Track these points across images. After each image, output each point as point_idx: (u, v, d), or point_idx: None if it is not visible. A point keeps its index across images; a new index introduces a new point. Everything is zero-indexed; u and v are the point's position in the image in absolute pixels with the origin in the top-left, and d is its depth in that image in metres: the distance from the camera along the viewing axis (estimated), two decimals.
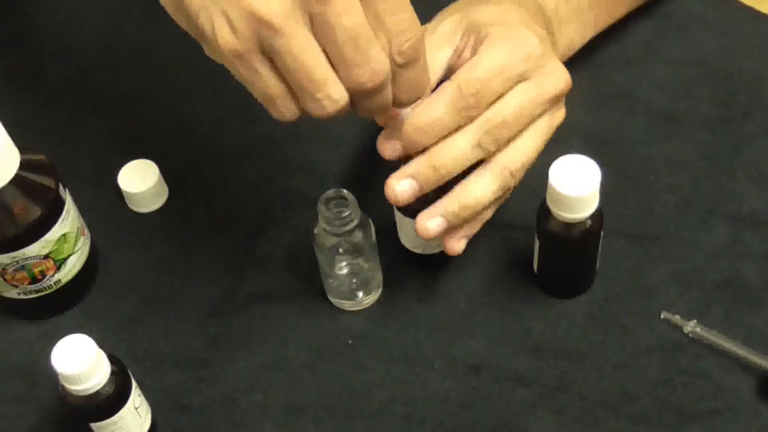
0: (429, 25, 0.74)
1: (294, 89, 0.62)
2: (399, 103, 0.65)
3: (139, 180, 0.84)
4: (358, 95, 0.62)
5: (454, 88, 0.68)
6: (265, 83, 0.62)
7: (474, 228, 0.73)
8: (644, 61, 0.90)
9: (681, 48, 0.91)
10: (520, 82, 0.70)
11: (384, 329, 0.78)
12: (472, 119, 0.69)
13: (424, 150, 0.70)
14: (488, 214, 0.73)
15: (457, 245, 0.73)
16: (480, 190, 0.70)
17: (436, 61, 0.72)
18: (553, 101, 0.72)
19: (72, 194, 0.78)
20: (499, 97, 0.70)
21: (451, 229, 0.72)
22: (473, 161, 0.70)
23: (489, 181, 0.71)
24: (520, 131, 0.71)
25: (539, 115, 0.71)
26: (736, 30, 0.92)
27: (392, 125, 0.69)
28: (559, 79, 0.71)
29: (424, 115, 0.68)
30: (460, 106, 0.68)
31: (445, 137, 0.69)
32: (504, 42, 0.70)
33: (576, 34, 0.82)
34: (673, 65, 0.90)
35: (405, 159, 0.72)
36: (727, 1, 0.94)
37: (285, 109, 0.63)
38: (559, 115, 0.73)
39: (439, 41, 0.73)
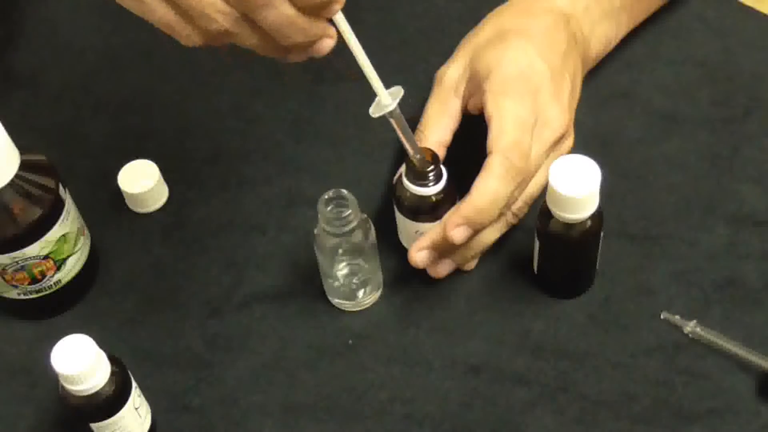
0: (440, 70, 0.80)
1: (185, 13, 0.61)
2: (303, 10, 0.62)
3: (139, 180, 0.84)
4: (250, 8, 0.60)
5: (501, 159, 0.72)
6: (156, 12, 0.63)
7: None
8: (644, 61, 0.90)
9: (681, 48, 0.91)
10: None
11: (384, 329, 0.78)
12: (524, 185, 0.74)
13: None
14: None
15: (445, 269, 0.78)
16: (487, 236, 0.76)
17: (448, 113, 0.78)
18: (555, 144, 0.76)
19: (72, 194, 0.78)
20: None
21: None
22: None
23: (497, 228, 0.76)
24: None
25: (546, 158, 0.76)
26: (736, 30, 0.92)
27: (452, 211, 0.73)
28: (557, 124, 0.75)
29: (483, 195, 0.71)
30: (513, 173, 0.72)
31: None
32: (507, 99, 0.74)
33: (611, 32, 0.85)
34: (673, 65, 0.90)
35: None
36: (727, 1, 0.94)
37: (187, 33, 0.62)
38: (565, 146, 0.77)
39: (447, 94, 0.78)
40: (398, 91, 0.68)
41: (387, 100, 0.68)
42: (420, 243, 0.75)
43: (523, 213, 0.76)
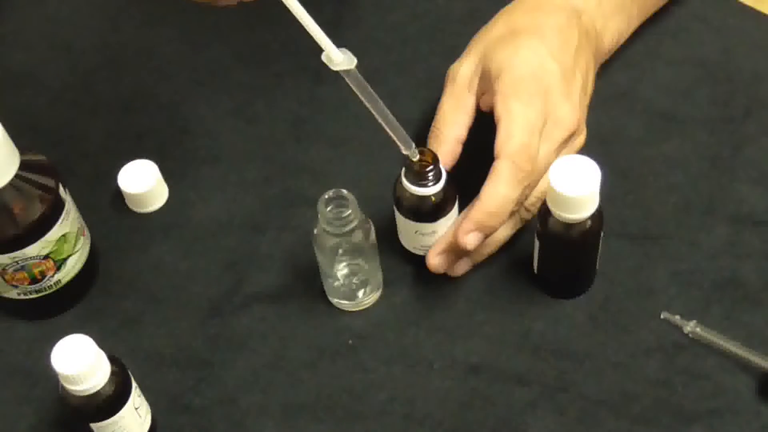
0: (452, 67, 0.80)
1: None
2: None
3: (139, 180, 0.84)
4: None
5: (509, 163, 0.72)
6: None
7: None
8: (644, 61, 0.90)
9: (681, 48, 0.91)
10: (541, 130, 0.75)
11: (384, 329, 0.78)
12: (533, 185, 0.74)
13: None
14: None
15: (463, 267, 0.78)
16: (502, 233, 0.77)
17: (463, 110, 0.78)
18: (566, 142, 0.76)
19: (72, 194, 0.78)
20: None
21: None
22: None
23: (511, 225, 0.77)
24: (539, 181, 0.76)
25: (557, 156, 0.76)
26: (736, 30, 0.92)
27: (463, 216, 0.73)
28: (568, 122, 0.75)
29: (493, 200, 0.72)
30: (520, 177, 0.72)
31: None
32: (516, 101, 0.74)
33: (623, 25, 0.85)
34: (673, 65, 0.90)
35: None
36: (727, 1, 0.94)
37: None
38: (577, 143, 0.78)
39: (461, 91, 0.78)
40: (350, 56, 0.67)
41: (337, 55, 0.66)
42: (436, 248, 0.76)
43: (536, 208, 0.76)
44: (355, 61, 0.67)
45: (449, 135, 0.77)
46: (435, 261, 0.76)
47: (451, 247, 0.75)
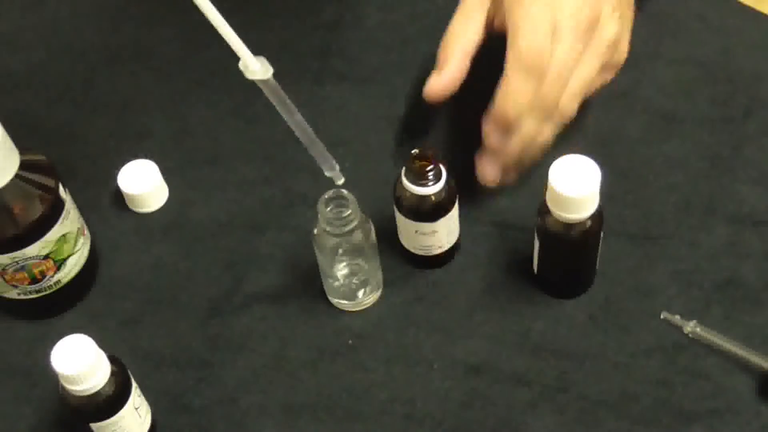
0: None
1: None
2: None
3: (139, 180, 0.84)
4: None
5: (513, 58, 0.72)
6: None
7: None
8: (644, 61, 0.90)
9: (681, 48, 0.91)
10: (555, 29, 0.73)
11: (384, 329, 0.78)
12: (543, 75, 0.72)
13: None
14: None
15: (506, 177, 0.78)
16: (542, 137, 0.75)
17: (472, 25, 0.77)
18: (588, 31, 0.74)
19: (72, 194, 0.78)
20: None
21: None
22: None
23: (549, 128, 0.75)
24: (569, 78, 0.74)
25: (580, 55, 0.74)
26: (736, 30, 0.92)
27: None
28: (583, 14, 0.73)
29: (503, 94, 0.72)
30: (526, 66, 0.71)
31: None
32: (519, 6, 0.73)
33: None
34: (673, 65, 0.90)
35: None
36: (727, 1, 0.94)
37: None
38: (606, 34, 0.76)
39: (471, 8, 0.78)
40: (267, 66, 0.66)
41: (254, 64, 0.65)
42: (482, 163, 0.76)
43: (570, 110, 0.76)
44: (271, 70, 0.65)
45: (456, 47, 0.77)
46: (487, 171, 0.76)
47: (491, 157, 0.75)
